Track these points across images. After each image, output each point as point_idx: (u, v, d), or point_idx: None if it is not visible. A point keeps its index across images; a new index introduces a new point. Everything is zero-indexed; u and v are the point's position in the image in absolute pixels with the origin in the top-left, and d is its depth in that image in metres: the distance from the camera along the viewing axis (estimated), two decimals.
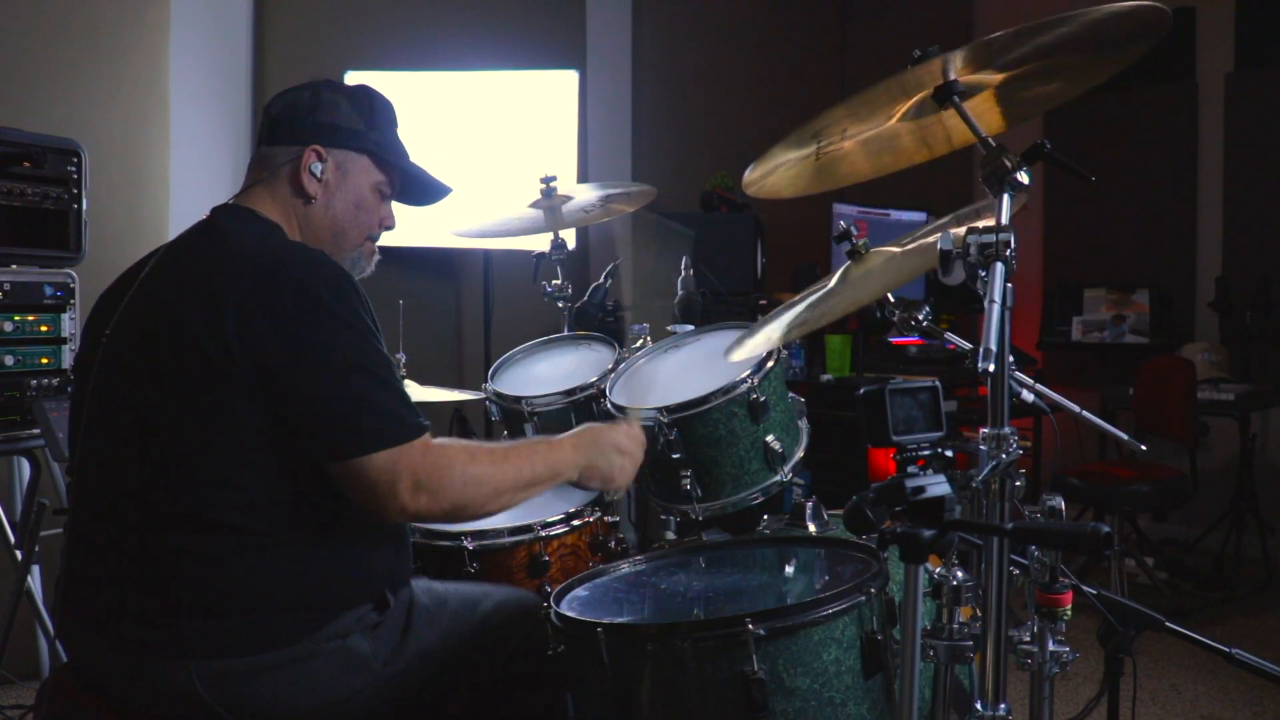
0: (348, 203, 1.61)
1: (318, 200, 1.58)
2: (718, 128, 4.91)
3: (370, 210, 1.64)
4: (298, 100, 1.59)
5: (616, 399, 1.97)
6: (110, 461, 1.45)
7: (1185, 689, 3.13)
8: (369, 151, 1.62)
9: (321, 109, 1.58)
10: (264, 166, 1.58)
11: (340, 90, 1.62)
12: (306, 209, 1.58)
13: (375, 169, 1.63)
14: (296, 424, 1.37)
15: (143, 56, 3.41)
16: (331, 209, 1.59)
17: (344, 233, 1.62)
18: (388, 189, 1.66)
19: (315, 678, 1.41)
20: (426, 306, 4.04)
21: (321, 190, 1.58)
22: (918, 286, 4.51)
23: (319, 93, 1.59)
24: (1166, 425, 4.05)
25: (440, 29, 4.13)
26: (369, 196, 1.63)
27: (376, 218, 1.66)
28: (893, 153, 1.58)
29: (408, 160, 1.68)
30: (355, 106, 1.60)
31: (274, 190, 1.57)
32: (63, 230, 2.61)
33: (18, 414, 2.50)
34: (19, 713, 2.73)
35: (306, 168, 1.56)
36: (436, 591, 1.62)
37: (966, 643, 1.26)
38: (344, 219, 1.61)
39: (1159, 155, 4.86)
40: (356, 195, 1.61)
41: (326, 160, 1.58)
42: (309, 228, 1.59)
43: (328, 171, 1.58)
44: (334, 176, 1.59)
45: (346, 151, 1.59)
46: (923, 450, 1.25)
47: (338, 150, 1.59)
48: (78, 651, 1.49)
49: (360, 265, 1.67)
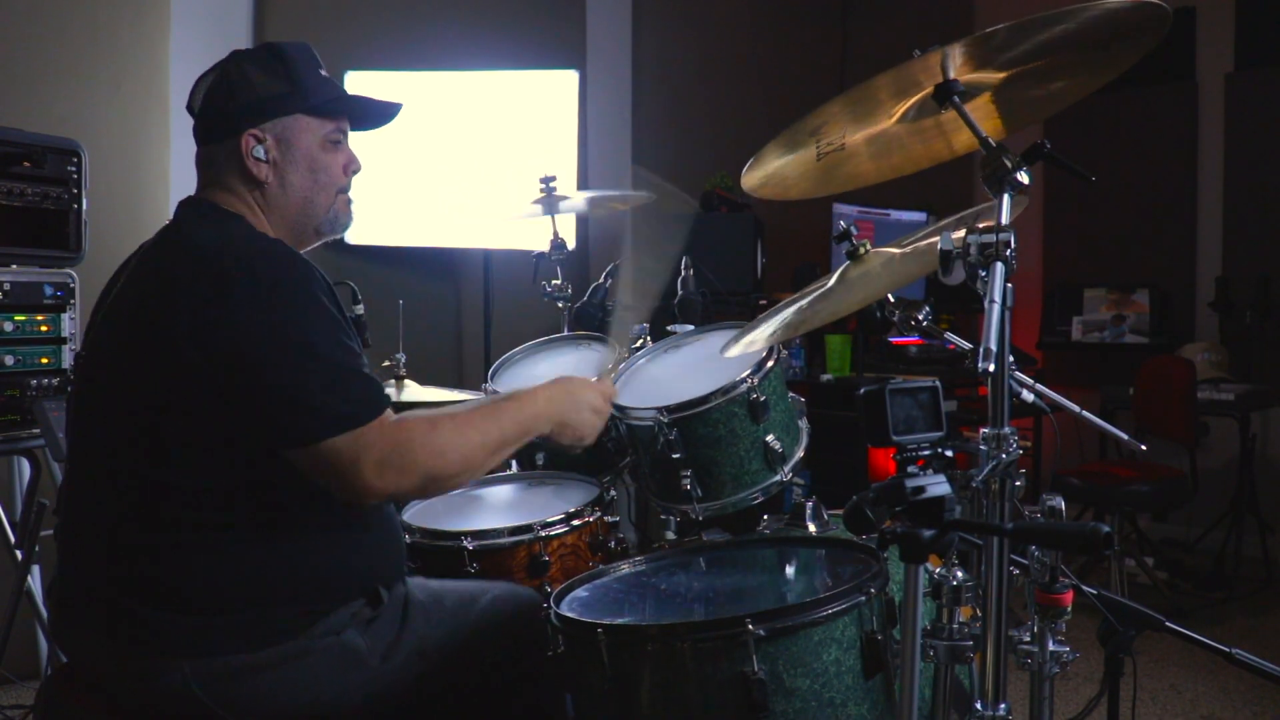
0: (301, 171, 1.56)
1: (271, 182, 1.54)
2: (718, 128, 4.91)
3: (327, 167, 1.58)
4: (212, 90, 1.54)
5: (616, 399, 1.97)
6: (95, 462, 1.45)
7: (1185, 689, 3.13)
8: (302, 109, 1.55)
9: (238, 89, 1.52)
10: (209, 165, 1.55)
11: (248, 60, 1.55)
12: (264, 194, 1.55)
13: (316, 121, 1.56)
14: (253, 412, 1.35)
15: (143, 56, 3.41)
16: (288, 185, 1.55)
17: (311, 200, 1.58)
18: (338, 135, 1.60)
19: (311, 674, 1.41)
20: (426, 306, 4.03)
21: (271, 171, 1.54)
22: (918, 286, 4.51)
23: (228, 72, 1.54)
24: (1166, 425, 4.05)
25: (440, 29, 4.13)
26: (320, 155, 1.57)
27: (337, 169, 1.59)
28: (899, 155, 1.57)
29: (346, 96, 1.62)
30: (268, 72, 1.54)
31: (227, 185, 1.54)
32: (63, 230, 2.61)
33: (18, 414, 2.50)
34: (19, 713, 2.73)
35: (249, 154, 1.52)
36: (433, 589, 1.62)
37: (966, 643, 1.26)
38: (305, 188, 1.56)
39: (1159, 155, 4.86)
40: (308, 159, 1.56)
41: (265, 139, 1.53)
42: (274, 210, 1.56)
43: (270, 149, 1.53)
44: (278, 152, 1.54)
45: (280, 120, 1.54)
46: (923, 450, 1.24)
47: (271, 123, 1.53)
48: (74, 652, 1.49)
49: (340, 221, 1.63)
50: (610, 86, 4.56)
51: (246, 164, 1.52)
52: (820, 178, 1.58)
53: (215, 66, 1.56)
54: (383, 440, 1.35)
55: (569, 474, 2.14)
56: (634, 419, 1.90)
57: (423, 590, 1.60)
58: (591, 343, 2.38)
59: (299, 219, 1.58)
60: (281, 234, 1.55)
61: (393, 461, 1.35)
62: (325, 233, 1.63)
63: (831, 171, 1.56)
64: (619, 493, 2.21)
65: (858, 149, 1.51)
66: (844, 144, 1.47)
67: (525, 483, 2.19)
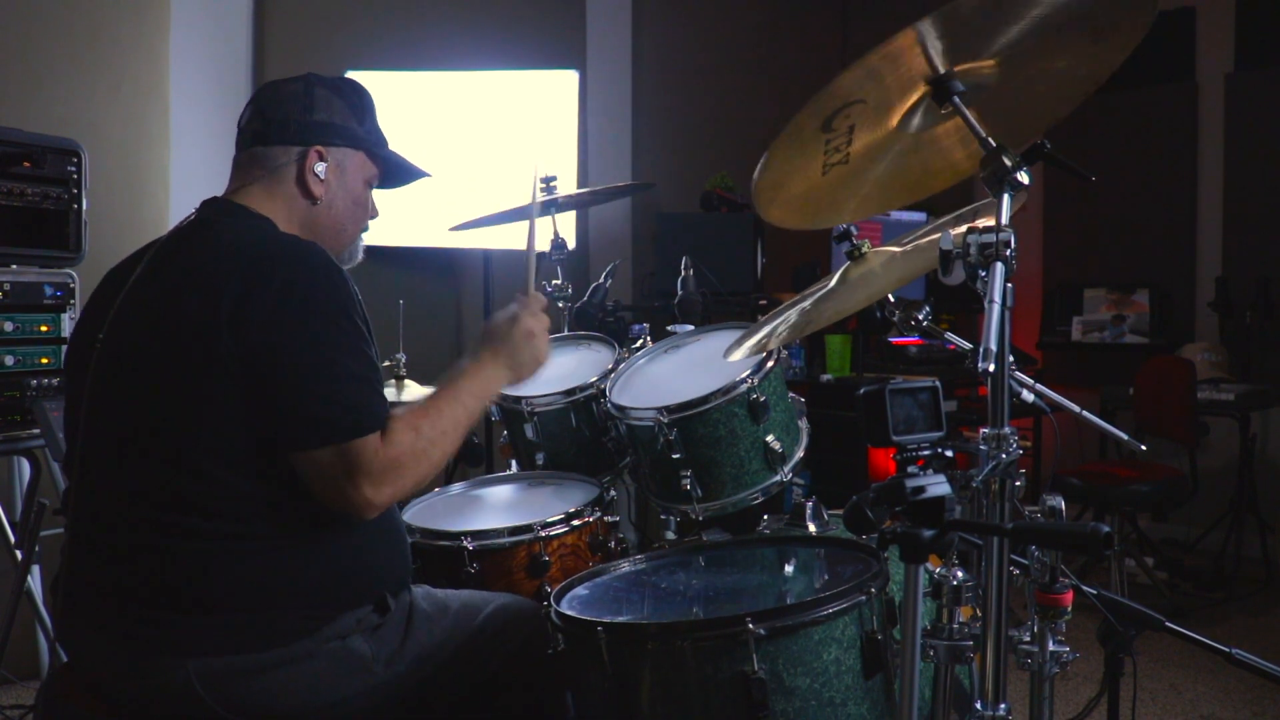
0: (348, 200, 1.63)
1: (323, 200, 1.59)
2: (718, 128, 4.91)
3: (365, 205, 1.67)
4: (292, 98, 1.59)
5: (616, 399, 1.97)
6: (110, 460, 1.45)
7: (1185, 689, 3.13)
8: (364, 148, 1.64)
9: (318, 107, 1.58)
10: (261, 165, 1.57)
11: (329, 86, 1.62)
12: (312, 209, 1.59)
13: (368, 163, 1.65)
14: (266, 413, 1.37)
15: (143, 56, 3.41)
16: (334, 208, 1.62)
17: (344, 229, 1.65)
18: (375, 180, 1.68)
19: (314, 678, 1.41)
20: (426, 306, 4.04)
21: (325, 191, 1.60)
22: (918, 286, 4.51)
23: (312, 89, 1.60)
24: (1166, 425, 4.05)
25: (440, 29, 4.13)
26: (363, 191, 1.66)
27: (368, 209, 1.68)
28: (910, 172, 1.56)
29: (389, 149, 1.70)
30: (347, 103, 1.62)
31: (274, 190, 1.57)
32: (63, 230, 2.61)
33: (18, 414, 2.50)
34: (19, 713, 2.73)
35: (311, 169, 1.57)
36: (438, 597, 1.62)
37: (966, 643, 1.26)
38: (345, 216, 1.64)
39: (1159, 155, 4.85)
40: (355, 192, 1.64)
41: (329, 160, 1.59)
42: (313, 227, 1.60)
43: (329, 172, 1.59)
44: (334, 176, 1.61)
45: (344, 149, 1.61)
46: (923, 450, 1.24)
47: (338, 149, 1.60)
48: (77, 651, 1.49)
49: (357, 255, 1.72)
50: (610, 86, 4.57)
51: (307, 177, 1.57)
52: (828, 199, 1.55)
53: (297, 79, 1.62)
54: (381, 454, 1.37)
55: (569, 474, 2.14)
56: (634, 419, 1.90)
57: (427, 599, 1.60)
58: (592, 342, 2.38)
59: (330, 241, 1.62)
60: None
61: (388, 475, 1.37)
62: (344, 261, 1.67)
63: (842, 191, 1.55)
64: (619, 493, 2.21)
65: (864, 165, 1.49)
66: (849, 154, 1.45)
67: (525, 483, 2.19)
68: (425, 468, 1.43)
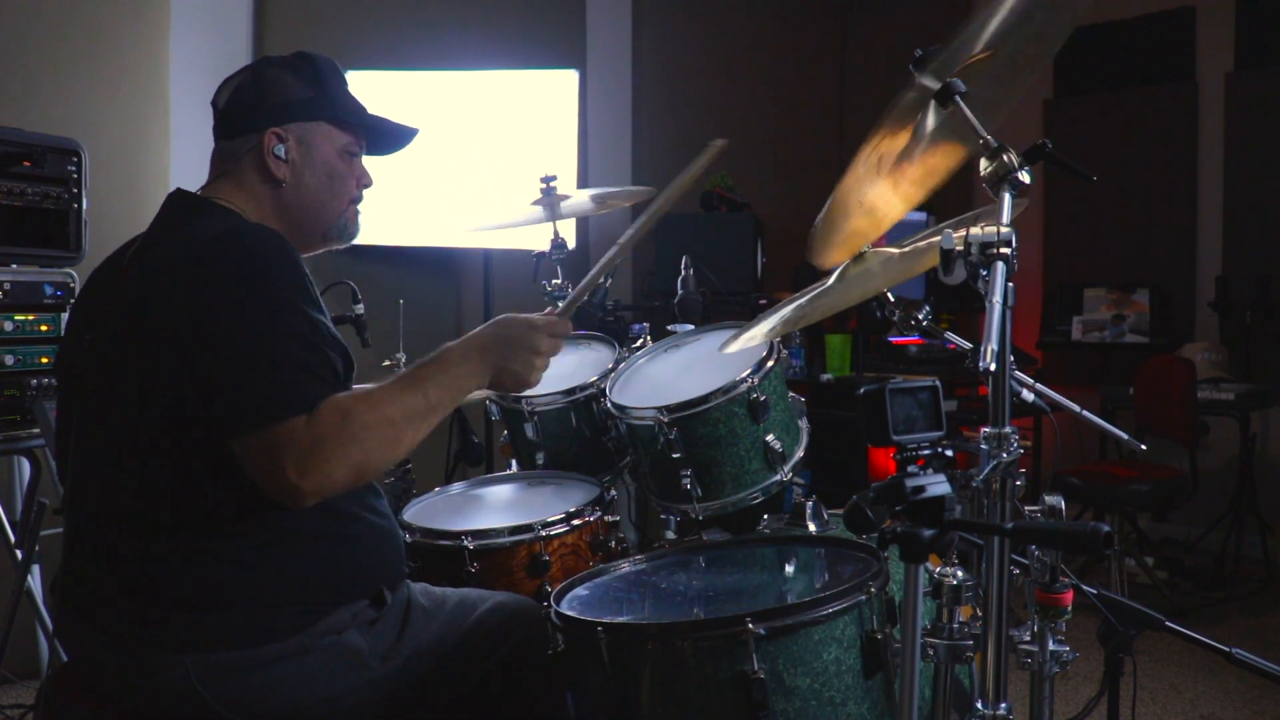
0: (319, 175, 1.58)
1: (288, 182, 1.56)
2: (718, 128, 4.89)
3: (343, 176, 1.61)
4: (242, 87, 1.57)
5: (617, 399, 1.97)
6: (101, 459, 1.45)
7: (1185, 689, 3.13)
8: (326, 117, 1.58)
9: (269, 90, 1.55)
10: (226, 159, 1.56)
11: (280, 65, 1.59)
12: (278, 193, 1.56)
13: (337, 131, 1.60)
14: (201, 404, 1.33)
15: (143, 56, 3.41)
16: (304, 187, 1.57)
17: (323, 205, 1.60)
18: (355, 148, 1.62)
19: (311, 673, 1.41)
20: (426, 306, 4.04)
21: (290, 171, 1.56)
22: (918, 286, 4.51)
23: (261, 74, 1.57)
24: (1166, 425, 4.05)
25: (440, 28, 4.13)
26: (338, 163, 1.60)
27: (352, 180, 1.62)
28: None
29: (366, 113, 1.64)
30: (299, 76, 1.58)
31: (241, 180, 1.55)
32: (63, 230, 2.61)
33: (18, 414, 2.50)
34: (19, 712, 2.73)
35: (270, 152, 1.54)
36: (435, 594, 1.62)
37: (966, 642, 1.26)
38: (320, 192, 1.59)
39: (1159, 155, 4.86)
40: (326, 165, 1.59)
41: (287, 139, 1.55)
42: (285, 210, 1.57)
43: (291, 150, 1.55)
44: (298, 154, 1.56)
45: (304, 124, 1.56)
46: (923, 450, 1.24)
47: (295, 125, 1.56)
48: (76, 650, 1.49)
49: (349, 230, 1.65)
50: (610, 86, 4.57)
51: (266, 161, 1.54)
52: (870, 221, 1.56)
53: (247, 68, 1.59)
54: (302, 437, 1.30)
55: (569, 474, 2.14)
56: (634, 419, 1.90)
57: (425, 595, 1.60)
58: (592, 342, 2.38)
59: (309, 222, 1.59)
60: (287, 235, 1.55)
61: (311, 460, 1.29)
62: (333, 239, 1.64)
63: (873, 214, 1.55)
64: (619, 493, 2.21)
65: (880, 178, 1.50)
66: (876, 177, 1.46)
67: (525, 482, 2.19)
68: (359, 454, 1.32)
